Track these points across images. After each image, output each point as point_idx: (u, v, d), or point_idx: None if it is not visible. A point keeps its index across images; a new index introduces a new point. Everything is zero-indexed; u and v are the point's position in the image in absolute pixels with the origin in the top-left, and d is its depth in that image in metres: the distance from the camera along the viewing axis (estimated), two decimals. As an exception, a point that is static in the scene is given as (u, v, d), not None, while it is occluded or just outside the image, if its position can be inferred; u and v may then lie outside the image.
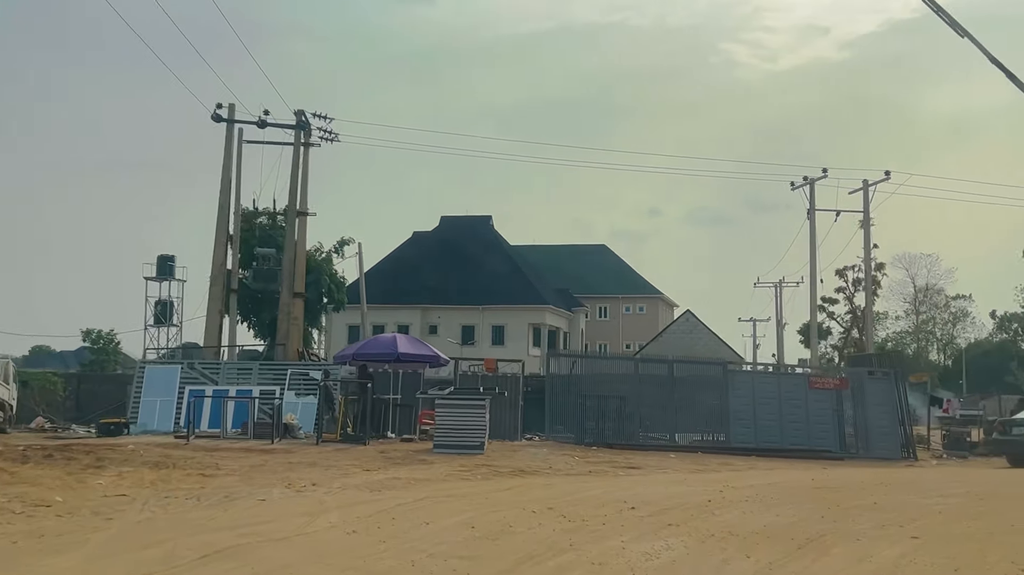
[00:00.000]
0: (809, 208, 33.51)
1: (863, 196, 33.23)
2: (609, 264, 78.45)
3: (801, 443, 24.32)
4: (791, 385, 25.06)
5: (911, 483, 16.69)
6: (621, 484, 14.73)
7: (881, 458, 24.19)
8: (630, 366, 24.37)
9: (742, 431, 24.43)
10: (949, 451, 25.99)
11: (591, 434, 23.92)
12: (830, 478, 17.18)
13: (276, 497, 11.87)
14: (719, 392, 24.74)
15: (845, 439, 24.91)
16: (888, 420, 24.84)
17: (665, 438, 24.44)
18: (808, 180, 33.44)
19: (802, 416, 24.58)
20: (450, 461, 17.85)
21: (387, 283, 62.55)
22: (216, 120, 28.52)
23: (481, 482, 14.85)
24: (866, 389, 24.94)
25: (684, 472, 18.25)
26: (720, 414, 24.63)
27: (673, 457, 21.76)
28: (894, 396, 25.03)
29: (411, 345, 24.29)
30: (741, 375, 25.21)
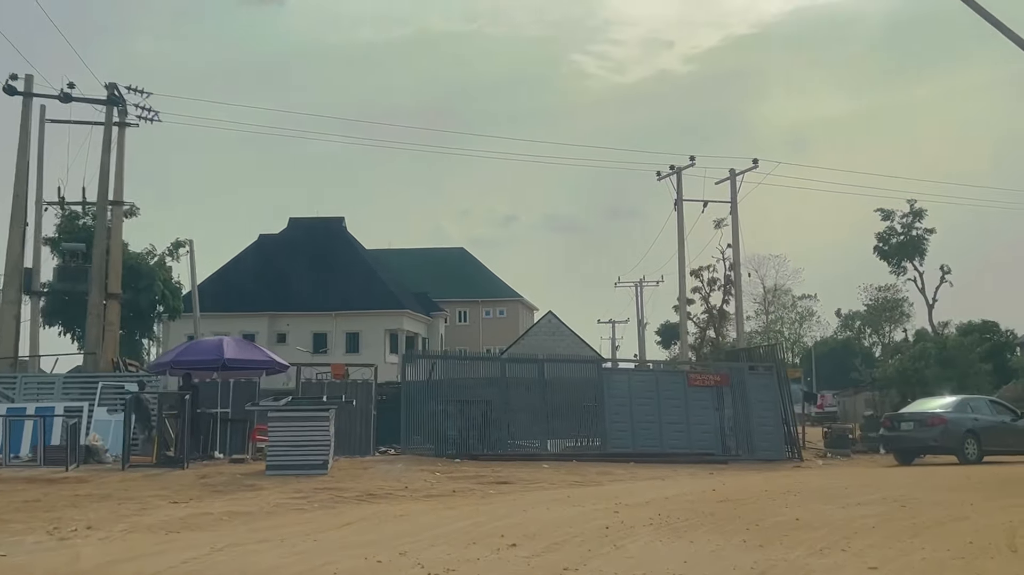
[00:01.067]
0: (676, 199, 31.81)
1: (730, 185, 31.78)
2: (468, 268, 75.86)
3: (682, 446, 22.15)
4: (670, 383, 22.86)
5: (820, 490, 14.53)
6: (493, 508, 11.86)
7: (766, 459, 22.30)
8: (496, 368, 21.63)
9: (619, 435, 22.05)
10: (832, 449, 24.40)
11: (454, 445, 21.04)
12: (728, 487, 14.84)
13: (24, 549, 8.47)
14: (594, 393, 22.29)
15: (726, 440, 22.91)
16: (771, 418, 22.99)
17: (536, 445, 21.79)
18: (675, 169, 31.75)
19: (682, 417, 22.42)
20: (284, 485, 14.65)
21: (231, 289, 57.92)
22: (8, 92, 24.15)
23: (319, 513, 11.75)
24: (747, 385, 23.03)
25: (563, 486, 15.59)
26: (595, 417, 22.17)
27: (546, 467, 19.13)
28: (776, 392, 23.24)
29: (240, 349, 20.71)
30: (617, 374, 22.91)
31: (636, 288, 60.08)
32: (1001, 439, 22.08)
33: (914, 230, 56.12)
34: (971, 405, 22.48)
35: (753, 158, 31.40)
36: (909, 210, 56.12)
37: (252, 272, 59.52)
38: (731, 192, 31.81)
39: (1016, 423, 22.46)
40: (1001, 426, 22.19)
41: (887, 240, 56.87)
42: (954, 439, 21.38)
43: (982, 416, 22.07)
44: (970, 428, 21.56)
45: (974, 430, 21.55)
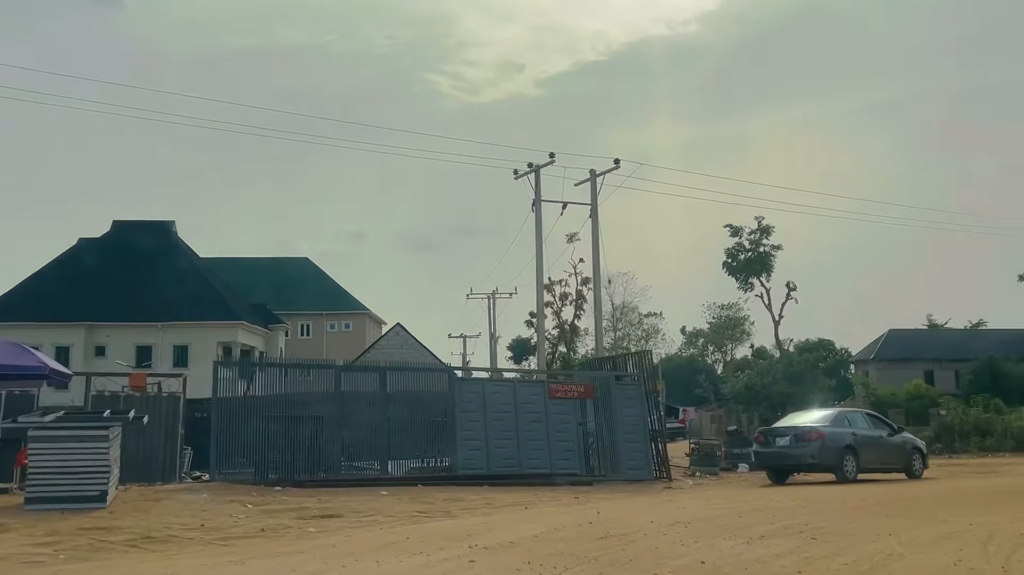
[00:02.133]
0: (534, 199, 29.30)
1: (591, 187, 29.60)
2: (312, 279, 71.41)
3: (542, 466, 19.47)
4: (529, 395, 20.12)
5: (711, 521, 12.01)
6: (307, 559, 8.65)
7: (633, 479, 19.88)
8: (330, 378, 18.31)
9: (472, 455, 19.15)
10: (699, 467, 22.23)
11: (277, 469, 17.66)
12: (606, 518, 12.12)
13: None
14: (444, 407, 19.30)
15: (590, 459, 20.38)
16: (639, 434, 20.63)
17: (375, 468, 18.58)
18: (533, 167, 29.29)
19: (542, 433, 19.74)
20: (39, 525, 11.09)
21: (44, 297, 51.87)
22: None
23: (61, 567, 8.35)
24: (614, 397, 20.58)
25: (403, 519, 12.51)
26: (445, 434, 19.19)
27: (385, 494, 15.97)
28: (644, 405, 20.88)
29: (3, 353, 16.52)
30: (470, 384, 19.99)
31: (489, 300, 57.53)
32: (878, 455, 20.46)
33: (761, 246, 55.90)
34: (848, 418, 20.76)
35: (615, 158, 29.41)
36: (757, 227, 55.91)
37: (68, 279, 53.49)
38: (591, 194, 29.63)
39: (892, 438, 20.91)
40: (878, 441, 20.57)
41: (735, 256, 56.48)
42: (833, 455, 19.55)
43: (860, 430, 20.37)
44: (849, 443, 19.78)
45: (853, 445, 19.79)
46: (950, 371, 65.92)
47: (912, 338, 70.76)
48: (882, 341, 70.78)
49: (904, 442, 21.11)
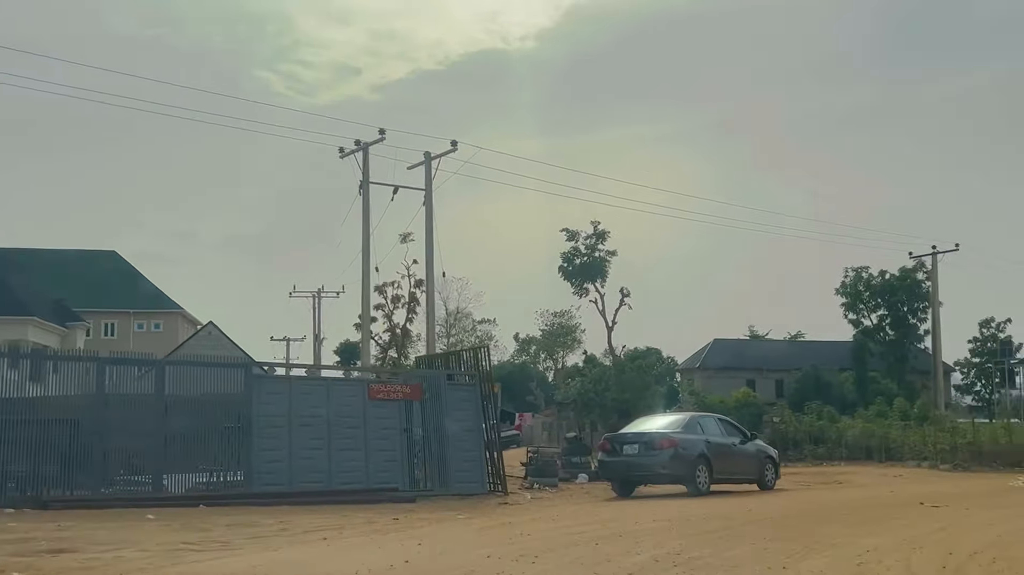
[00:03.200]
0: (362, 180, 26.14)
1: (425, 170, 26.75)
2: (118, 275, 64.89)
3: (358, 480, 16.41)
4: (346, 396, 16.95)
5: (563, 551, 9.38)
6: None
7: (465, 494, 17.08)
8: (91, 373, 14.51)
9: (271, 467, 15.85)
10: (537, 479, 19.66)
11: (19, 486, 13.79)
12: (428, 555, 9.24)
13: None
14: (239, 410, 15.89)
15: (415, 470, 17.46)
16: (473, 442, 17.88)
17: (148, 484, 14.95)
18: (361, 145, 26.13)
19: (359, 440, 16.67)
20: None
21: None
22: None
23: None
24: (445, 400, 17.72)
25: (157, 556, 9.23)
26: (239, 443, 15.78)
27: (152, 519, 12.51)
28: (479, 409, 18.14)
29: None
30: (273, 383, 16.65)
31: (314, 299, 53.63)
32: (731, 464, 18.52)
33: (597, 252, 54.59)
34: (701, 424, 18.71)
35: (452, 140, 26.67)
36: (593, 231, 54.55)
37: None
38: (426, 178, 26.78)
39: (745, 446, 19.04)
40: (731, 449, 18.63)
41: (571, 261, 54.95)
42: (685, 465, 17.42)
43: (713, 437, 18.36)
44: (702, 452, 17.71)
45: (706, 454, 17.74)
46: (771, 380, 67.02)
47: (735, 348, 71.74)
48: (707, 350, 71.44)
49: (758, 450, 19.32)
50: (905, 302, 63.32)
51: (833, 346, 65.31)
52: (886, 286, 63.51)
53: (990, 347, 71.24)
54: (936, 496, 16.75)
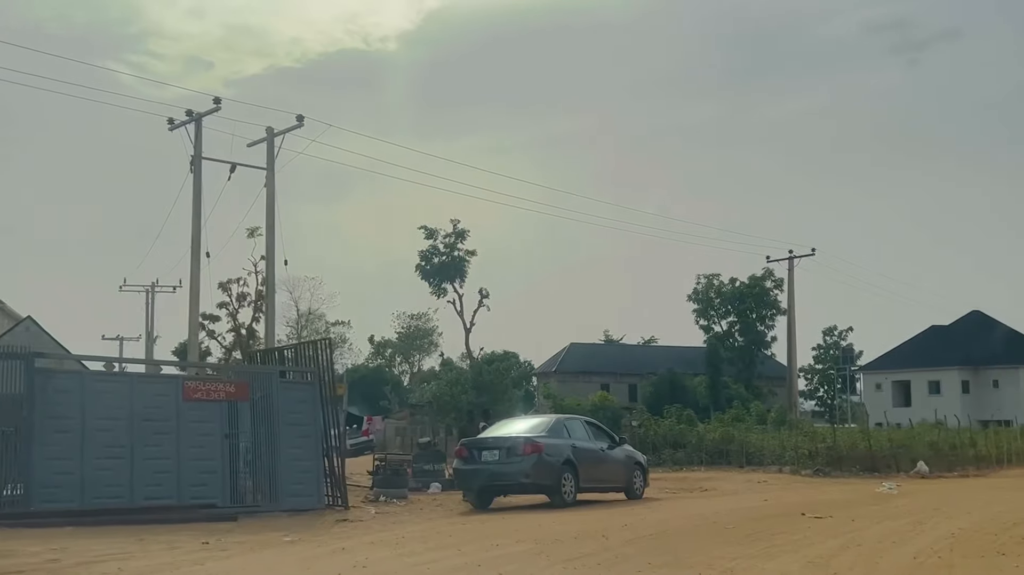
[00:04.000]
0: (193, 155, 23.11)
1: (267, 147, 23.96)
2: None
3: (167, 495, 13.71)
4: (154, 395, 14.14)
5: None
6: None
7: (297, 509, 14.61)
8: None
9: (58, 481, 12.97)
10: (385, 490, 17.30)
11: None
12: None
13: None
14: (18, 411, 12.93)
15: (239, 482, 14.85)
16: (309, 450, 15.37)
17: None
18: (194, 116, 23.11)
19: (171, 448, 13.92)
20: None
21: None
22: None
23: None
24: (277, 401, 15.15)
25: None
26: (17, 451, 12.81)
27: None
28: (318, 412, 15.66)
29: None
30: (62, 378, 13.71)
31: (147, 294, 49.29)
32: (599, 471, 16.73)
33: (456, 251, 52.58)
34: (568, 427, 16.80)
35: (297, 114, 23.99)
36: (453, 230, 52.51)
37: None
38: (268, 157, 24.00)
39: (613, 451, 17.29)
40: (599, 455, 16.82)
41: (429, 260, 52.73)
42: (550, 473, 15.49)
43: (580, 442, 16.50)
44: (568, 458, 15.82)
45: (572, 460, 15.86)
46: (625, 384, 66.81)
47: (591, 352, 71.27)
48: (564, 354, 70.65)
49: (627, 456, 17.59)
50: (754, 309, 64.26)
51: (685, 351, 65.62)
52: (736, 293, 64.29)
53: (832, 354, 73.58)
54: (814, 505, 15.47)
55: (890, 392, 63.93)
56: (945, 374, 62.90)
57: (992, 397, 59.93)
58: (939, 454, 29.01)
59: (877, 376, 67.25)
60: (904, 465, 27.51)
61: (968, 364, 62.45)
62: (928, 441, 29.93)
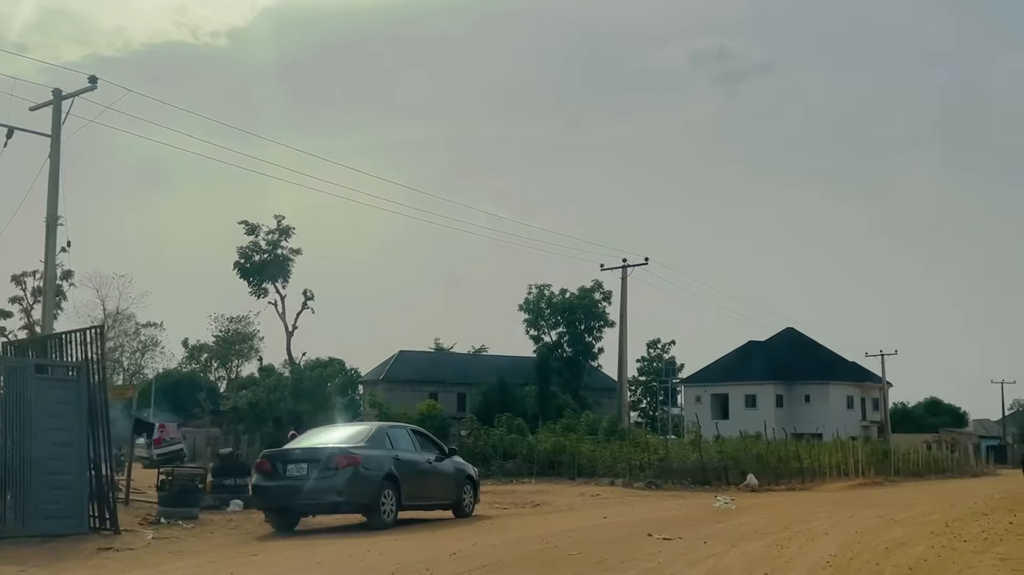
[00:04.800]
0: (-38, 114, 19.37)
1: (53, 112, 20.47)
2: None
3: None
4: None
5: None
6: None
7: (53, 534, 11.71)
8: None
9: None
10: (171, 509, 14.50)
11: None
12: None
13: None
14: None
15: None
16: (71, 462, 12.45)
17: None
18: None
19: None
20: None
21: None
22: None
23: None
24: (31, 401, 12.19)
25: None
26: None
27: None
28: (83, 415, 12.77)
29: None
30: None
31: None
32: (425, 487, 14.64)
33: (280, 249, 49.24)
34: (391, 436, 14.54)
35: (90, 76, 20.62)
36: (277, 226, 49.19)
37: None
38: (53, 123, 20.51)
39: (441, 464, 15.23)
40: (426, 468, 14.72)
41: (249, 257, 49.16)
42: (369, 490, 13.26)
43: (405, 453, 14.34)
44: (390, 472, 13.64)
45: (395, 474, 13.70)
46: (454, 394, 65.13)
47: (421, 360, 69.13)
48: (392, 362, 68.20)
49: (456, 469, 15.56)
50: (583, 320, 64.09)
51: (516, 361, 64.65)
52: (566, 304, 63.92)
53: (656, 367, 74.62)
54: (658, 524, 14.01)
55: (709, 405, 65.15)
56: (761, 388, 64.72)
57: (804, 411, 62.06)
58: (767, 467, 28.72)
59: (697, 389, 68.54)
60: (734, 478, 26.95)
61: (782, 379, 64.51)
62: (756, 454, 29.65)
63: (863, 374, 66.43)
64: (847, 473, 33.81)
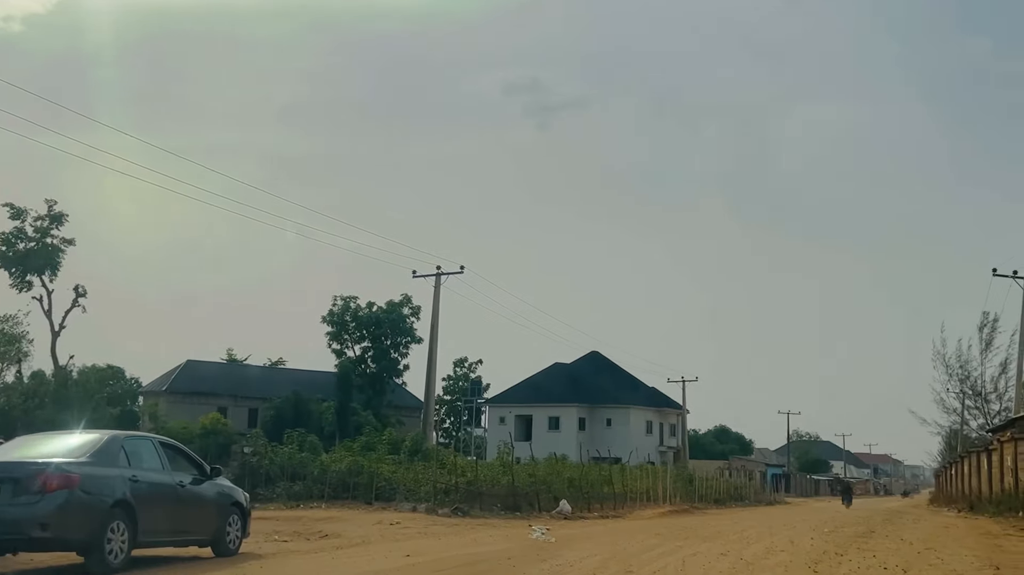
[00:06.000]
0: None
1: None
2: None
3: None
4: None
5: None
6: None
7: None
8: None
9: None
10: None
11: None
12: None
13: None
14: None
15: None
16: None
17: None
18: None
19: None
20: None
21: None
22: None
23: None
24: None
25: None
26: None
27: None
28: None
29: None
30: None
31: None
32: (173, 517, 11.00)
33: (49, 237, 42.97)
34: (128, 450, 10.77)
35: None
36: (47, 212, 42.94)
37: None
38: None
39: (199, 488, 11.62)
40: (176, 493, 11.07)
41: (12, 244, 42.60)
42: (88, 521, 9.55)
43: (147, 473, 10.67)
44: (123, 498, 9.98)
45: (129, 501, 10.04)
46: (245, 408, 59.94)
47: (210, 371, 63.23)
48: (177, 372, 61.95)
49: (219, 495, 11.96)
50: (390, 336, 60.60)
51: (316, 375, 60.23)
52: (373, 318, 60.32)
53: (462, 386, 72.04)
54: (473, 563, 11.18)
55: (513, 425, 63.28)
56: (565, 410, 63.61)
57: (605, 434, 61.33)
58: (578, 492, 26.56)
59: (502, 409, 66.63)
60: (545, 503, 24.57)
61: (586, 402, 63.68)
62: (568, 478, 27.44)
63: (663, 400, 66.77)
64: (654, 499, 32.36)
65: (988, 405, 44.83)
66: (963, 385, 46.41)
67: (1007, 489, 26.35)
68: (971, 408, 46.92)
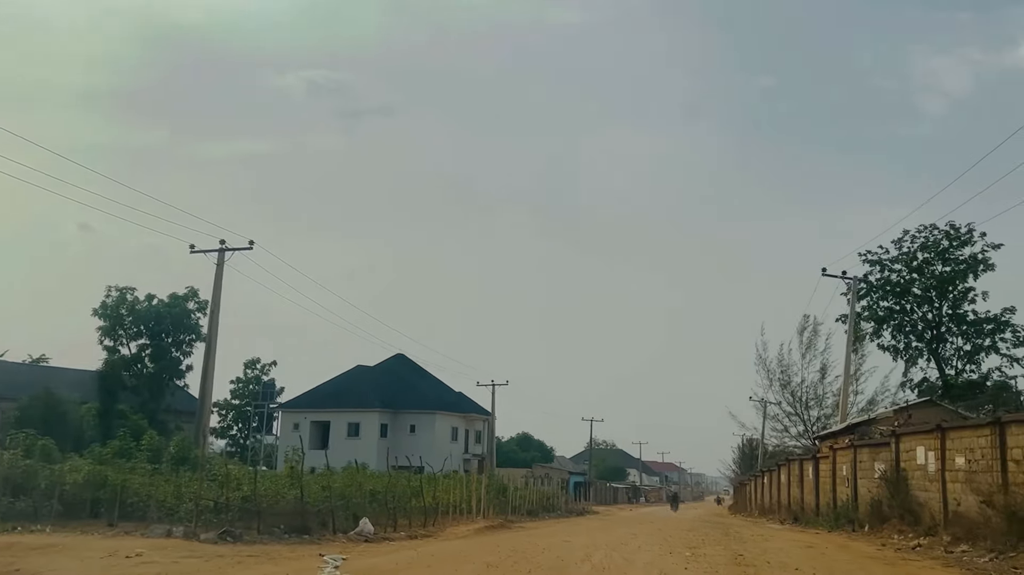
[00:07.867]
0: None
1: None
2: None
3: None
4: None
5: None
6: None
7: None
8: None
9: None
10: None
11: None
12: None
13: None
14: None
15: None
16: None
17: None
18: None
19: None
20: None
21: None
22: None
23: None
24: None
25: None
26: None
27: None
28: None
29: None
30: None
31: None
32: None
33: None
34: None
35: None
36: None
37: None
38: None
39: None
40: None
41: None
42: None
43: None
44: None
45: None
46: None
47: (-47, 367, 53.40)
48: (-99, 367, 51.82)
49: None
50: (171, 332, 53.31)
51: (84, 374, 51.93)
52: (153, 312, 52.82)
53: (253, 389, 65.12)
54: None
55: (308, 432, 57.46)
56: (366, 416, 58.53)
57: (408, 441, 56.73)
58: (383, 508, 21.99)
59: (296, 415, 60.56)
60: (343, 522, 19.83)
61: (389, 407, 58.89)
62: (371, 491, 22.77)
63: (470, 405, 63.09)
64: (466, 512, 28.26)
65: (808, 411, 44.06)
66: (784, 391, 45.49)
67: (843, 500, 24.21)
68: (791, 415, 46.06)
